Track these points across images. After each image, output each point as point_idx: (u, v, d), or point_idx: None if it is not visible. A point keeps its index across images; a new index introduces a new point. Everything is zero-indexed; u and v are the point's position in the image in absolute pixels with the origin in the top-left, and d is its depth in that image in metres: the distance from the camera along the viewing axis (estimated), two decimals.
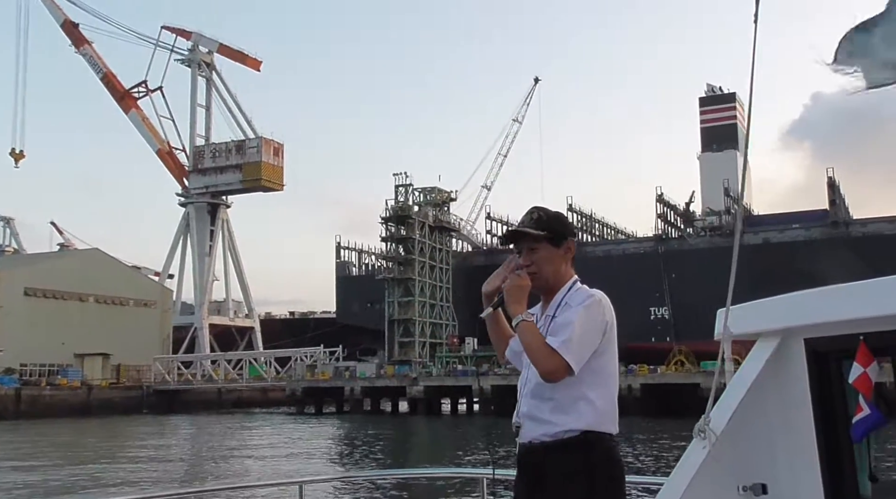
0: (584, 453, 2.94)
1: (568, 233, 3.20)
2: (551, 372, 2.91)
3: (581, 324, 2.95)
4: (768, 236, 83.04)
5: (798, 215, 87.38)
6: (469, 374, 74.85)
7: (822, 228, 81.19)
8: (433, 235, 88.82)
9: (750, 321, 2.97)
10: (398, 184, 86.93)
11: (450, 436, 51.06)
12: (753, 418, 2.83)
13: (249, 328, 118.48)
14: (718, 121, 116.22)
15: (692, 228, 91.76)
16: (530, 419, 3.04)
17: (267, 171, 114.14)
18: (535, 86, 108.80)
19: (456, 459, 32.85)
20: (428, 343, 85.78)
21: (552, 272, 3.13)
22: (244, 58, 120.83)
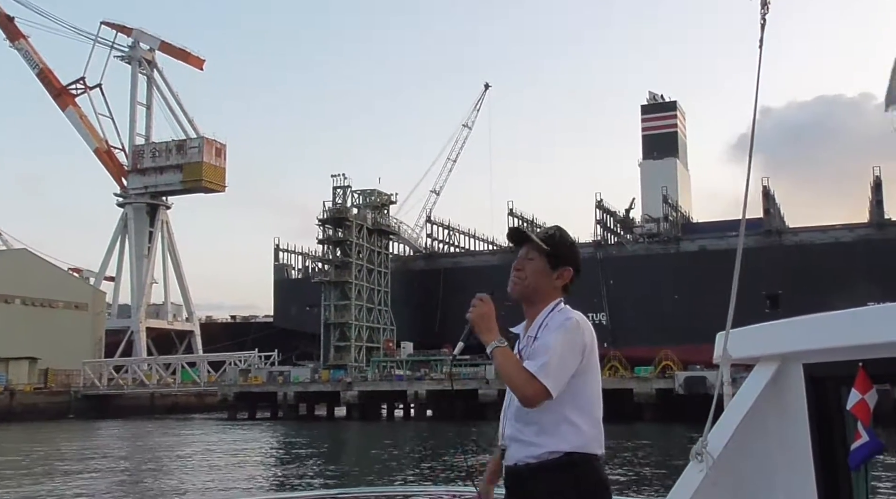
0: (571, 475, 2.95)
1: (569, 263, 3.20)
2: (530, 397, 2.92)
3: (559, 347, 2.96)
4: (705, 244, 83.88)
5: (734, 223, 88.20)
6: (404, 379, 74.23)
7: (757, 236, 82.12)
8: (372, 237, 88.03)
9: (749, 345, 2.97)
10: (336, 185, 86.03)
11: (382, 444, 50.37)
12: (751, 442, 2.84)
13: (189, 332, 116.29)
14: (660, 129, 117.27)
15: (631, 234, 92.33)
16: (515, 441, 3.07)
17: (208, 171, 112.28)
18: (485, 92, 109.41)
19: (390, 470, 31.97)
20: (365, 347, 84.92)
21: (537, 285, 3.17)
22: (187, 56, 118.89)
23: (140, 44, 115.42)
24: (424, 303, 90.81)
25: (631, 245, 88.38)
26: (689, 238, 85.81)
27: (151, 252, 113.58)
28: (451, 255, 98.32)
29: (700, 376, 66.65)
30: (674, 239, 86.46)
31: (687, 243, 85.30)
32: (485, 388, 71.48)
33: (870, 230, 76.90)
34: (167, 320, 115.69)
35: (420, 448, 44.17)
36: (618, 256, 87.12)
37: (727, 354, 2.95)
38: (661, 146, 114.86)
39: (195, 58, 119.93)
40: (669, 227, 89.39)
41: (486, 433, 56.49)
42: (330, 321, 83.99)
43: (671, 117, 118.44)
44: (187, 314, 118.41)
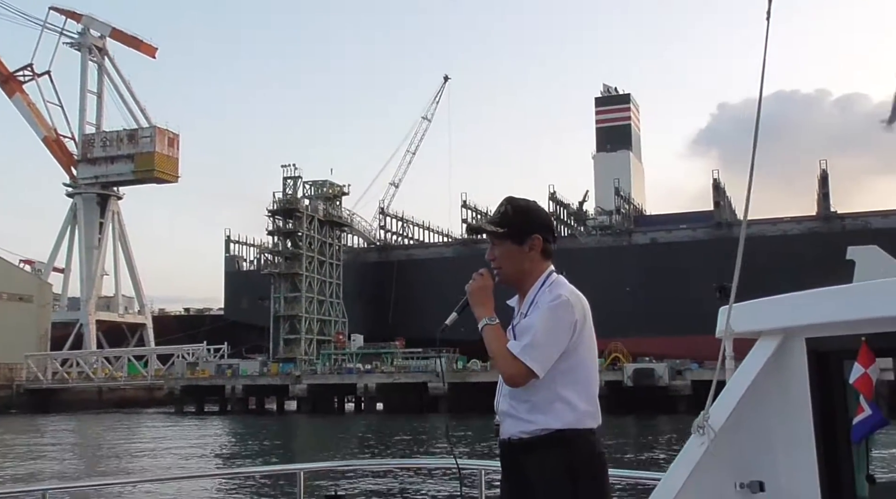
0: (565, 450, 2.92)
1: (532, 228, 3.11)
2: (513, 376, 2.93)
3: (544, 326, 2.93)
4: (656, 236, 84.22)
5: (685, 216, 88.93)
6: (354, 372, 73.62)
7: (707, 228, 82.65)
8: (323, 229, 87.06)
9: (751, 320, 2.97)
10: (286, 176, 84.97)
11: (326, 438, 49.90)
12: (752, 415, 2.85)
13: (141, 325, 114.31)
14: (613, 121, 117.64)
15: (584, 226, 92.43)
16: (509, 417, 3.05)
17: (161, 162, 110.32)
18: (444, 84, 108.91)
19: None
20: (315, 340, 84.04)
21: (515, 269, 3.11)
22: (139, 44, 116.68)
23: (90, 30, 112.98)
24: (377, 295, 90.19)
25: (583, 237, 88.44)
26: (641, 230, 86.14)
27: (102, 243, 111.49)
28: (405, 247, 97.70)
29: (648, 369, 66.86)
30: (626, 231, 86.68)
31: (639, 236, 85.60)
32: (435, 381, 71.10)
33: (817, 223, 77.72)
34: (118, 313, 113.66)
35: (370, 442, 43.82)
36: (570, 248, 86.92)
37: (730, 329, 2.92)
38: (615, 139, 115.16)
39: (147, 45, 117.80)
40: (622, 219, 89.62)
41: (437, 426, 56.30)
42: (279, 314, 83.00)
43: (625, 110, 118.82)
44: (139, 307, 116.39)
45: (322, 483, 13.71)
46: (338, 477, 17.79)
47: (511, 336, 3.05)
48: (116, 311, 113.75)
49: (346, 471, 17.92)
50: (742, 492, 2.81)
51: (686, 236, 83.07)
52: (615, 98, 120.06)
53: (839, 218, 78.47)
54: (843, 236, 75.62)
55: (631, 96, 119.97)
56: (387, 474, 20.36)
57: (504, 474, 3.16)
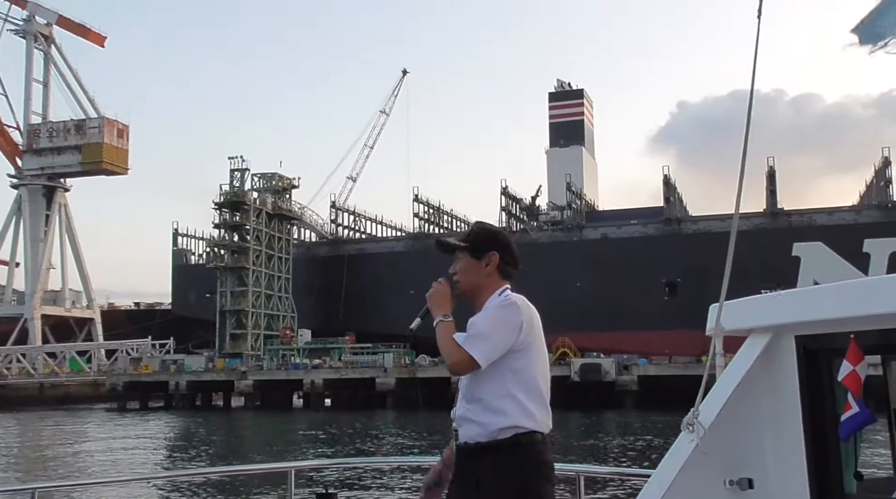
0: (515, 455, 3.04)
1: (491, 247, 3.32)
2: (455, 363, 3.08)
3: (488, 322, 3.11)
4: (607, 232, 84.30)
5: (636, 212, 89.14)
6: (301, 367, 72.72)
7: (657, 224, 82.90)
8: (272, 222, 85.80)
9: (741, 317, 2.97)
10: (234, 168, 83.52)
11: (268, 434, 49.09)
12: (742, 413, 2.87)
13: (89, 320, 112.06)
14: (566, 117, 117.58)
15: (536, 221, 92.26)
16: (465, 421, 3.17)
17: (109, 153, 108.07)
18: (403, 78, 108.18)
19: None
20: (263, 335, 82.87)
21: (471, 281, 3.31)
22: (86, 32, 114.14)
23: (36, 17, 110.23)
24: (328, 290, 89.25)
25: (535, 232, 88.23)
26: (592, 226, 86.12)
27: (48, 236, 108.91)
28: (356, 241, 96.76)
29: (595, 364, 66.85)
30: (577, 227, 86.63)
31: (589, 231, 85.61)
32: (382, 376, 70.55)
33: (764, 220, 78.25)
34: (65, 307, 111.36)
35: (316, 438, 43.19)
36: (522, 243, 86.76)
37: (720, 327, 2.92)
38: (568, 134, 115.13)
39: (96, 34, 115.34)
40: (573, 214, 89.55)
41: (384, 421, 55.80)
42: (226, 308, 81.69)
43: (578, 106, 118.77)
44: (87, 301, 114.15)
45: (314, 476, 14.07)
46: (328, 475, 18.14)
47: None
48: (63, 305, 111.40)
49: (337, 469, 17.99)
50: (731, 489, 2.83)
51: (636, 232, 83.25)
52: (569, 93, 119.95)
53: (786, 215, 79.16)
54: (790, 233, 76.55)
55: (584, 92, 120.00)
56: (377, 472, 20.65)
57: (456, 478, 3.22)
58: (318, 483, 14.52)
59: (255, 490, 19.36)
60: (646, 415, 55.35)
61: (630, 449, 34.49)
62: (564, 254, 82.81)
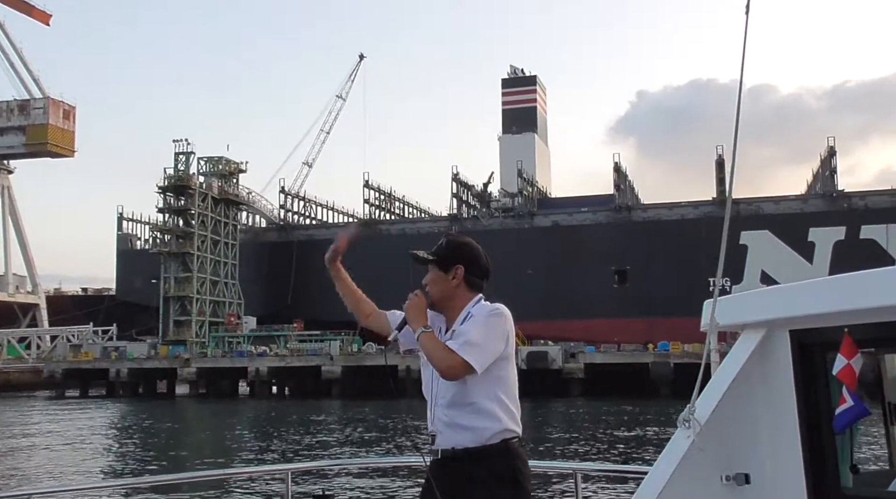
0: (508, 458, 3.15)
1: (457, 261, 3.42)
2: (450, 367, 3.13)
3: (482, 330, 3.19)
4: (558, 219, 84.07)
5: (587, 199, 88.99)
6: (246, 355, 71.48)
7: (608, 212, 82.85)
8: (218, 207, 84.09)
9: (736, 313, 2.99)
10: (178, 151, 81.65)
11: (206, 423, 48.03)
12: (738, 408, 2.90)
13: (34, 305, 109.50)
14: (519, 103, 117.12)
15: (487, 208, 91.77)
16: (450, 428, 3.21)
17: (55, 135, 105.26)
18: (359, 62, 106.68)
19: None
20: (207, 322, 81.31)
21: (439, 292, 3.41)
22: (30, 9, 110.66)
23: None
24: (277, 276, 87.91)
25: (486, 219, 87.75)
26: (544, 213, 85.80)
27: None
28: (305, 227, 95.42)
29: (542, 352, 66.57)
30: (528, 214, 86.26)
31: (540, 218, 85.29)
32: (328, 364, 69.62)
33: (713, 207, 78.55)
34: (8, 293, 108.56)
35: (257, 428, 42.27)
36: (473, 230, 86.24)
37: (714, 322, 2.93)
38: (521, 121, 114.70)
39: (40, 12, 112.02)
40: (524, 201, 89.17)
41: (330, 410, 55.00)
42: (170, 294, 79.97)
43: (531, 92, 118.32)
44: (31, 286, 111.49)
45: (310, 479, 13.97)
46: (326, 477, 18.04)
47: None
48: (6, 290, 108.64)
49: (335, 470, 18.27)
50: (728, 485, 2.83)
51: (587, 219, 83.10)
52: (522, 80, 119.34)
53: (734, 203, 79.46)
54: (737, 221, 76.91)
55: (538, 79, 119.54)
56: (375, 473, 20.77)
57: (431, 485, 3.18)
58: (316, 485, 14.49)
59: (247, 492, 19.17)
60: (592, 403, 55.27)
61: (574, 441, 34.15)
62: (515, 241, 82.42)
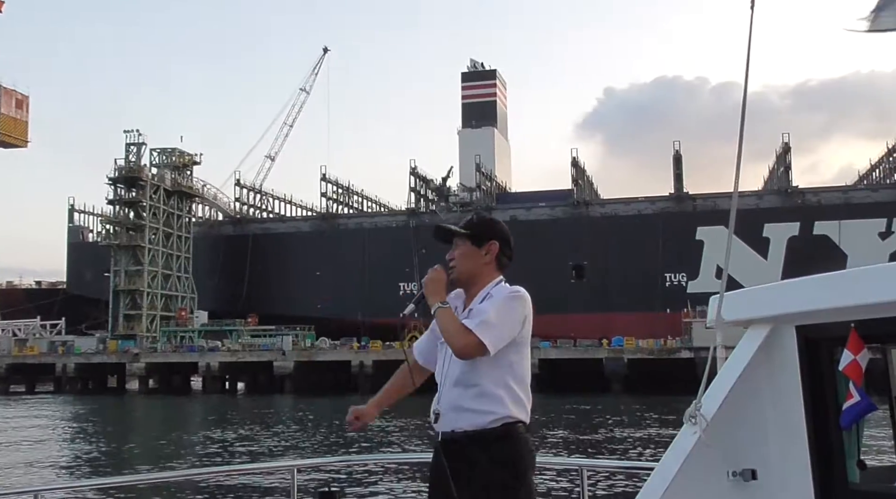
0: (508, 443, 3.10)
1: (492, 236, 3.37)
2: (464, 346, 3.08)
3: (499, 310, 3.13)
4: (516, 214, 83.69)
5: (546, 194, 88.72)
6: (197, 350, 70.23)
7: (565, 207, 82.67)
8: (171, 199, 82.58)
9: (742, 308, 2.99)
10: (129, 142, 79.89)
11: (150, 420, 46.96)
12: (744, 404, 2.89)
13: None
14: (479, 97, 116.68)
15: (446, 203, 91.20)
16: (453, 409, 3.16)
17: (6, 124, 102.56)
18: (324, 55, 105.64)
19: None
20: (159, 316, 79.81)
21: (469, 268, 3.32)
22: None
23: None
24: (232, 270, 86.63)
25: (444, 214, 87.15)
26: (501, 208, 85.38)
27: None
28: (261, 220, 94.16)
29: None
30: (486, 208, 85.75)
31: (498, 213, 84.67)
32: (281, 359, 68.62)
33: (669, 203, 78.68)
34: None
35: (205, 424, 41.38)
36: (430, 224, 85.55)
37: (721, 318, 2.93)
38: (480, 115, 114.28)
39: None
40: (482, 196, 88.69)
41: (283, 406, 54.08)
42: (120, 288, 78.34)
43: (490, 86, 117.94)
44: None
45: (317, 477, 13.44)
46: (332, 473, 17.36)
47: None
48: None
49: (340, 467, 18.22)
50: (734, 480, 2.83)
51: (544, 215, 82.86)
52: (481, 74, 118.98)
53: (691, 199, 79.68)
54: (694, 217, 77.09)
55: (497, 73, 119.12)
56: (381, 470, 20.76)
57: (439, 465, 3.17)
58: (321, 481, 13.69)
59: (251, 488, 19.12)
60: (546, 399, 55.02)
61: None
62: None
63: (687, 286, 74.30)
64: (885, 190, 72.50)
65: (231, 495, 19.44)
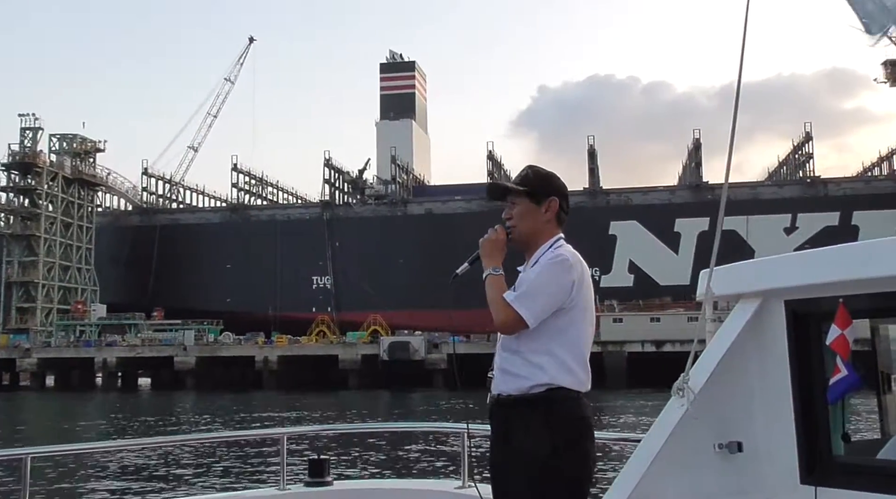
0: (548, 410, 2.98)
1: (551, 192, 3.22)
2: (503, 322, 3.00)
3: (540, 280, 3.01)
4: (431, 207, 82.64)
5: (463, 188, 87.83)
6: (93, 345, 67.31)
7: (481, 200, 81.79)
8: (71, 188, 79.05)
9: (731, 283, 2.99)
10: (24, 127, 76.11)
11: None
12: (732, 377, 2.89)
13: None
14: (398, 89, 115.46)
15: (362, 195, 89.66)
16: (501, 372, 3.10)
17: None
18: (249, 45, 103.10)
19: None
20: (55, 310, 76.34)
21: (529, 228, 3.18)
22: None
23: None
24: (138, 262, 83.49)
25: (358, 206, 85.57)
26: (417, 201, 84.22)
27: None
28: (170, 211, 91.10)
29: (404, 342, 64.93)
30: (401, 201, 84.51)
31: (414, 206, 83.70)
32: (182, 355, 66.24)
33: (583, 198, 78.49)
34: None
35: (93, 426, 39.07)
36: (345, 217, 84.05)
37: (710, 292, 2.91)
38: (398, 107, 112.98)
39: None
40: (398, 189, 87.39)
41: (184, 404, 51.82)
42: (13, 279, 74.64)
43: (409, 78, 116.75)
44: None
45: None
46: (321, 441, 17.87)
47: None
48: None
49: (330, 435, 18.38)
50: (721, 452, 2.84)
51: (460, 208, 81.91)
52: (400, 65, 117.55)
53: (605, 194, 79.69)
54: (607, 211, 77.05)
55: (416, 64, 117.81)
56: (371, 438, 21.00)
57: (492, 432, 3.14)
58: (311, 449, 14.13)
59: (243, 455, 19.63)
60: (453, 394, 53.97)
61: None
62: (388, 229, 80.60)
63: (600, 280, 74.17)
64: (791, 186, 73.45)
65: (221, 465, 19.55)
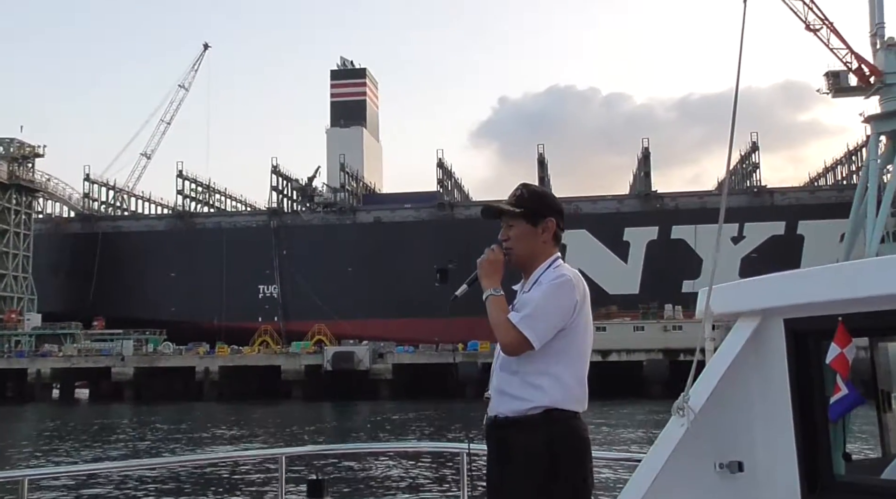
0: (547, 431, 2.97)
1: (547, 212, 3.20)
2: (508, 344, 3.01)
3: (545, 301, 3.00)
4: (380, 215, 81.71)
5: (412, 196, 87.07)
6: (26, 356, 65.17)
7: (430, 209, 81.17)
8: (7, 193, 76.74)
9: (731, 301, 2.99)
10: None
11: None
12: (732, 396, 2.88)
13: None
14: (348, 96, 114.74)
15: (311, 203, 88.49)
16: (499, 393, 3.10)
17: None
18: (204, 52, 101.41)
19: None
20: None
21: (527, 250, 3.17)
22: None
23: None
24: (78, 270, 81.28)
25: (307, 214, 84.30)
26: (366, 209, 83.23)
27: None
28: (112, 218, 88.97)
29: (348, 352, 63.68)
30: (350, 209, 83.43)
31: (363, 214, 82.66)
32: (119, 365, 64.36)
33: None
34: None
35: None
36: (293, 225, 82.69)
37: (709, 310, 2.91)
38: (349, 114, 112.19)
39: None
40: (347, 196, 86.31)
41: (120, 416, 50.21)
42: None
43: (360, 85, 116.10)
44: None
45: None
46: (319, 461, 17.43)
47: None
48: None
49: (328, 455, 18.25)
50: (721, 472, 2.82)
51: (410, 216, 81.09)
52: (351, 72, 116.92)
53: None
54: None
55: (367, 71, 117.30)
56: (369, 457, 20.96)
57: (489, 451, 3.13)
58: (310, 469, 13.28)
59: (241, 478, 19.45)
60: (400, 405, 53.05)
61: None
62: (336, 237, 79.46)
63: None
64: (738, 196, 73.80)
65: (219, 486, 19.45)
